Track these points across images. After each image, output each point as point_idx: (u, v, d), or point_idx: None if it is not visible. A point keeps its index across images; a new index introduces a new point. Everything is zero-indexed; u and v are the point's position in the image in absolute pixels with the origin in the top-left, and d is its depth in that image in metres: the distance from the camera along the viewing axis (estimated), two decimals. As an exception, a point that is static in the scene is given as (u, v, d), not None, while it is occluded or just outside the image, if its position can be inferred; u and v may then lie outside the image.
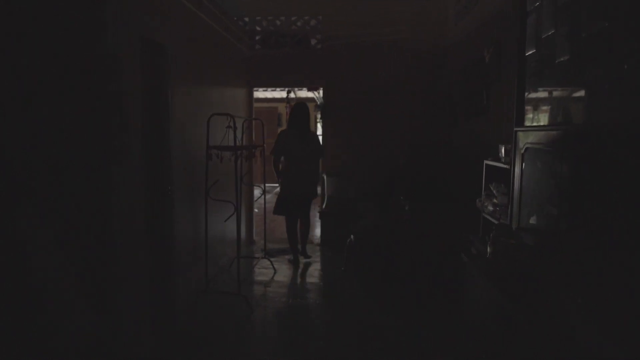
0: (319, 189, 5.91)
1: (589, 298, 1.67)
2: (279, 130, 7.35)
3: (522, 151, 2.35)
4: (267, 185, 5.53)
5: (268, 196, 6.58)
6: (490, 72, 3.87)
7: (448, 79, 5.55)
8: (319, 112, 6.21)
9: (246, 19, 6.02)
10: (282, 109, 10.94)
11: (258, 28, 6.07)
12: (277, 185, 5.71)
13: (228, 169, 4.23)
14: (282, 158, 5.06)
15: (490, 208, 2.93)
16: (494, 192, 2.92)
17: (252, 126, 6.25)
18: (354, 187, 5.91)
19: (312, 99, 7.70)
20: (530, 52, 2.32)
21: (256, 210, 6.71)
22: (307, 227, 5.39)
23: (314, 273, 5.03)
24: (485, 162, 3.21)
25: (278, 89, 9.19)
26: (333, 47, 5.91)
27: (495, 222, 2.79)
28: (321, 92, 6.22)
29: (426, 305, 3.95)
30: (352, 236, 5.29)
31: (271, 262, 5.19)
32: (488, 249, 2.47)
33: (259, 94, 10.65)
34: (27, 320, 1.93)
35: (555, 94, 2.17)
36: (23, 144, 2.20)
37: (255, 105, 6.81)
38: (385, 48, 5.83)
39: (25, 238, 1.96)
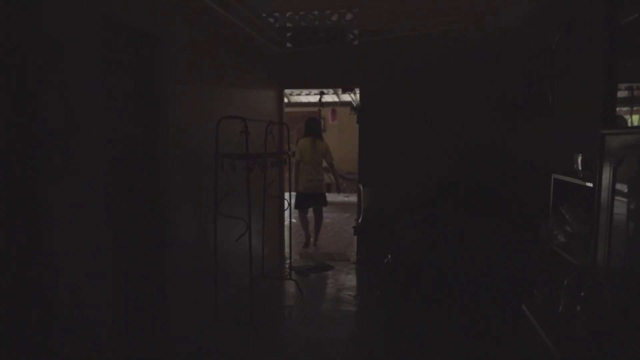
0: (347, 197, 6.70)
1: None
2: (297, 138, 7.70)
3: (615, 163, 1.62)
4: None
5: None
6: (558, 61, 3.11)
7: (504, 74, 4.76)
8: (356, 116, 5.57)
9: (276, 15, 5.53)
10: (325, 113, 10.24)
11: (289, 24, 5.56)
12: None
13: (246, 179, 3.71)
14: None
15: (562, 239, 2.18)
16: (567, 217, 2.17)
17: (282, 132, 5.73)
18: (393, 200, 5.25)
19: (348, 103, 7.10)
20: (629, 19, 1.59)
21: (294, 220, 6.23)
22: (318, 219, 6.32)
23: (346, 297, 4.41)
24: (554, 176, 2.45)
25: (317, 91, 8.63)
26: (371, 43, 5.29)
27: (570, 259, 2.05)
28: (358, 93, 5.61)
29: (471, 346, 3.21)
30: (389, 256, 4.71)
31: (297, 283, 4.62)
32: (561, 301, 1.76)
33: (302, 97, 10.12)
34: None
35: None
36: None
37: (294, 109, 6.44)
38: (430, 42, 5.12)
39: None
